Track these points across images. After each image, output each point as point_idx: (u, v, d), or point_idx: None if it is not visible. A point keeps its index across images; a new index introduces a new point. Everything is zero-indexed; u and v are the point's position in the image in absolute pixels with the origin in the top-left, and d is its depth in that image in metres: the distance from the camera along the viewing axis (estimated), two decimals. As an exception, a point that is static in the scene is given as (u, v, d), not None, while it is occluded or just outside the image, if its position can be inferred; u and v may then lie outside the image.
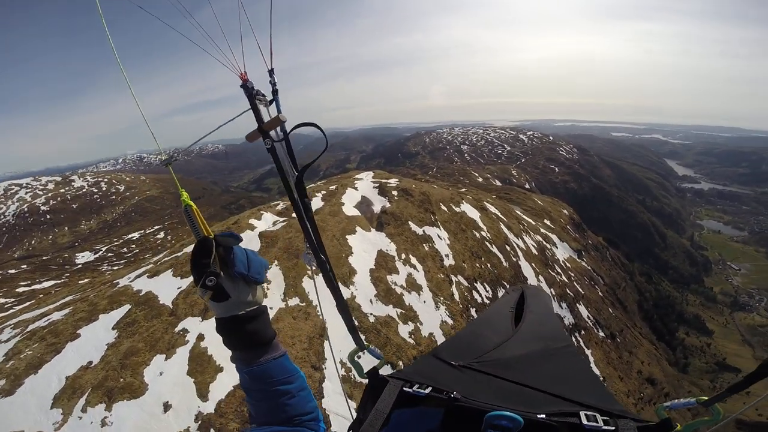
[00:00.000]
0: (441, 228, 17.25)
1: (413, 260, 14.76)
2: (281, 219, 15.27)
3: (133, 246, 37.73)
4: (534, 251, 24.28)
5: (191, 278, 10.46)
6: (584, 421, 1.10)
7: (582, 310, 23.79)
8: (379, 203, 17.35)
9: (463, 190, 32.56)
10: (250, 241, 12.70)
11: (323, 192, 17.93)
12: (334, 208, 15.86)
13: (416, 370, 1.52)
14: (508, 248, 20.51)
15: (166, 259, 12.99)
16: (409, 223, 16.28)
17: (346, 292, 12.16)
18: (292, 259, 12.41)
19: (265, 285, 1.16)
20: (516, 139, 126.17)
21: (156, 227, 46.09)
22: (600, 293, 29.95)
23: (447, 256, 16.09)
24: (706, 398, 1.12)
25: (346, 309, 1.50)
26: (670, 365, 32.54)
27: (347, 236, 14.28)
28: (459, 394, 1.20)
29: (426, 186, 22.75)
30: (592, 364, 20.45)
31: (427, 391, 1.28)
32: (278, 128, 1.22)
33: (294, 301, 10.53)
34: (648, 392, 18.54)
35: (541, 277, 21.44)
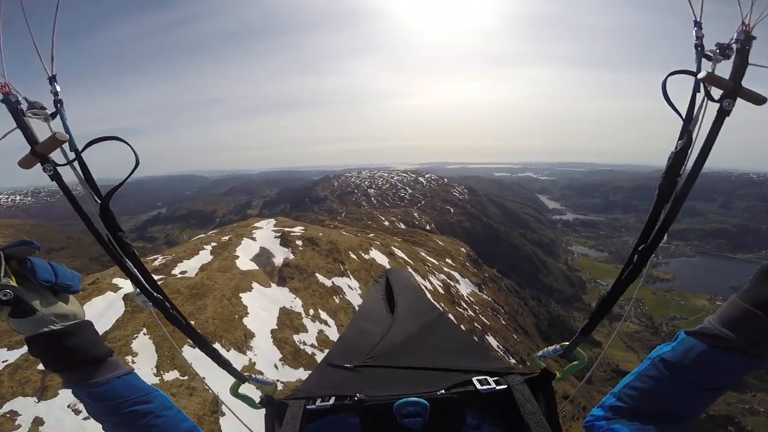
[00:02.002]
0: (351, 278, 16.42)
1: (323, 315, 13.54)
2: (156, 277, 12.65)
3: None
4: (441, 290, 24.92)
5: (24, 348, 7.85)
6: (478, 387, 1.15)
7: (491, 340, 24.81)
8: (281, 255, 15.85)
9: (371, 235, 32.64)
10: (111, 305, 10.31)
11: (213, 244, 15.73)
12: (225, 262, 13.86)
13: (314, 384, 1.48)
14: (417, 290, 20.59)
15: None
16: (316, 274, 15.10)
17: (243, 359, 10.43)
18: (166, 326, 10.13)
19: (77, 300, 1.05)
20: (416, 182, 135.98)
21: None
22: (503, 322, 31.97)
23: (360, 307, 15.22)
24: (567, 344, 1.25)
25: (208, 345, 1.35)
26: (577, 379, 35.68)
27: (241, 294, 12.49)
28: (363, 395, 1.18)
29: (334, 233, 21.98)
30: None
31: (332, 402, 1.21)
32: (67, 148, 1.05)
33: (172, 375, 8.72)
34: (569, 409, 19.49)
35: (450, 315, 21.86)
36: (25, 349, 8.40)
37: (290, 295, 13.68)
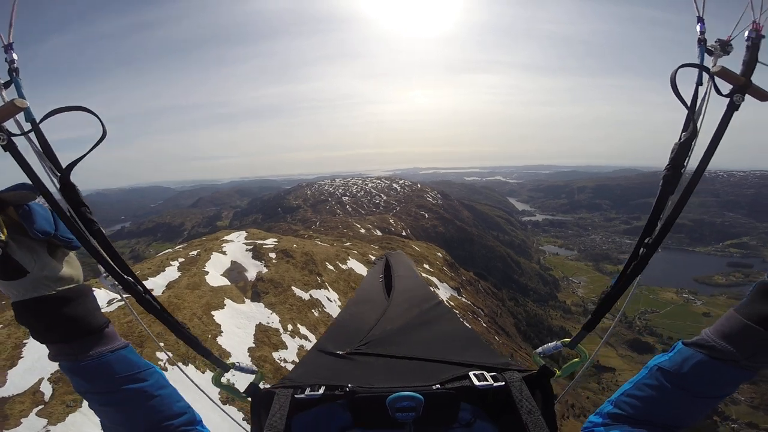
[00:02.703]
0: (329, 289, 15.89)
1: (303, 330, 12.97)
2: (119, 297, 11.72)
3: None
4: (421, 296, 24.81)
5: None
6: (475, 382, 1.12)
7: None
8: (254, 268, 15.12)
9: (348, 243, 32.15)
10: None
11: (181, 259, 14.79)
12: (194, 279, 13.04)
13: (304, 372, 1.40)
14: (397, 298, 20.34)
15: None
16: (293, 288, 14.48)
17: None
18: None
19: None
20: (390, 188, 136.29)
21: None
22: (484, 324, 32.17)
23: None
24: (569, 340, 1.23)
25: (186, 333, 1.22)
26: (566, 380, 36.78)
27: (213, 312, 11.77)
28: (354, 385, 1.13)
29: (309, 244, 21.38)
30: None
31: (321, 391, 1.15)
32: (22, 120, 0.95)
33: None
34: (557, 408, 19.77)
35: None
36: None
37: (266, 310, 13.02)
